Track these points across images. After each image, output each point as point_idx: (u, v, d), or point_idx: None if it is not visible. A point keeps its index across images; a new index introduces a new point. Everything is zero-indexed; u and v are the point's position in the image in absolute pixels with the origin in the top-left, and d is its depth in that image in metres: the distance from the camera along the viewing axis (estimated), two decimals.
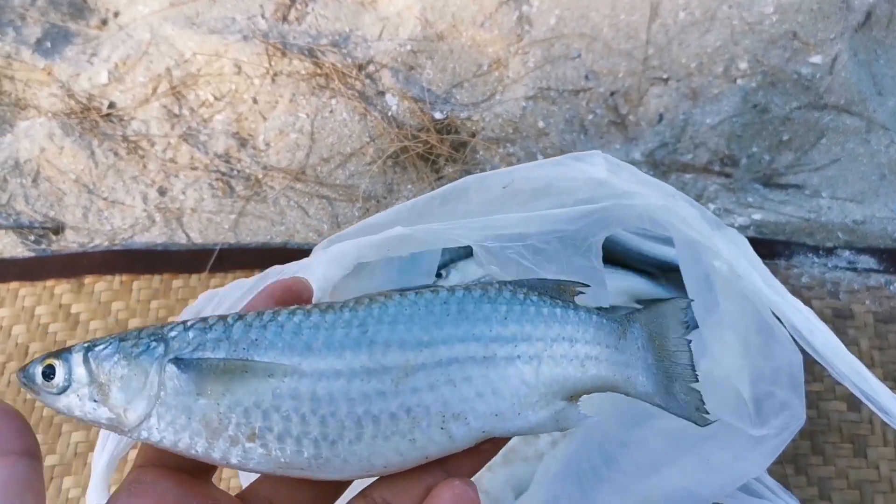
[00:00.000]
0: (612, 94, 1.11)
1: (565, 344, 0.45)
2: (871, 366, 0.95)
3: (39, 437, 0.91)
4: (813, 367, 0.96)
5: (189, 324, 0.39)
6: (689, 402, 0.50)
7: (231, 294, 0.74)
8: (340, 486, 0.42)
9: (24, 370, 0.38)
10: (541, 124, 1.09)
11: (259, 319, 0.39)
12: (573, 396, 0.43)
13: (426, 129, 1.08)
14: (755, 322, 0.72)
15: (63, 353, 0.38)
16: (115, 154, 1.08)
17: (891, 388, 0.92)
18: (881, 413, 0.66)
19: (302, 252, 1.02)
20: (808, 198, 1.07)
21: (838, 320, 0.98)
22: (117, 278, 1.00)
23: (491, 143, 1.08)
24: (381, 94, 1.10)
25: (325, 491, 0.41)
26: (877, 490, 0.91)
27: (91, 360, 0.37)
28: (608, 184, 0.70)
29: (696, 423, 0.50)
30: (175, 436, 0.37)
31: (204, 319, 0.39)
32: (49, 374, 0.38)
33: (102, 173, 1.07)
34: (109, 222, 1.05)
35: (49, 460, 0.93)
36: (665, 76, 1.11)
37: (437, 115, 1.09)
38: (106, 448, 0.63)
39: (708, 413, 0.49)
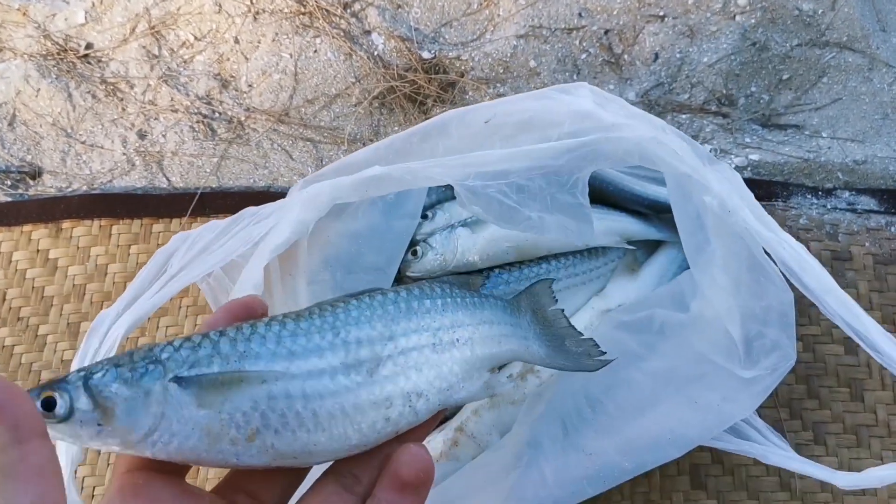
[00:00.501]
0: (607, 32, 1.07)
1: (486, 326, 0.55)
2: (869, 309, 0.93)
3: (19, 385, 0.89)
4: (809, 310, 0.93)
5: (177, 344, 0.42)
6: (581, 352, 0.60)
7: (203, 236, 0.71)
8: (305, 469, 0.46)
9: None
10: (532, 64, 1.05)
11: (241, 333, 0.43)
12: (493, 368, 0.53)
13: (413, 69, 1.04)
14: (746, 260, 0.70)
15: (61, 383, 0.39)
16: (94, 96, 1.05)
17: (889, 331, 0.90)
18: (872, 351, 0.64)
19: (285, 196, 0.99)
20: (807, 138, 1.03)
21: (837, 262, 0.95)
22: (96, 223, 0.97)
23: (480, 83, 1.04)
24: (367, 33, 1.06)
25: (296, 474, 0.45)
26: (873, 434, 0.89)
27: (92, 388, 0.39)
28: (594, 116, 0.67)
29: (588, 370, 0.60)
30: (180, 446, 0.39)
31: (188, 338, 0.42)
32: (50, 405, 0.38)
33: (80, 116, 1.04)
34: (88, 166, 1.02)
35: None
36: (661, 13, 1.07)
37: (425, 55, 1.05)
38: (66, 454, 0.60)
39: (604, 353, 0.59)
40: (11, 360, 0.93)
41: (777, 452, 0.70)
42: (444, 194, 0.90)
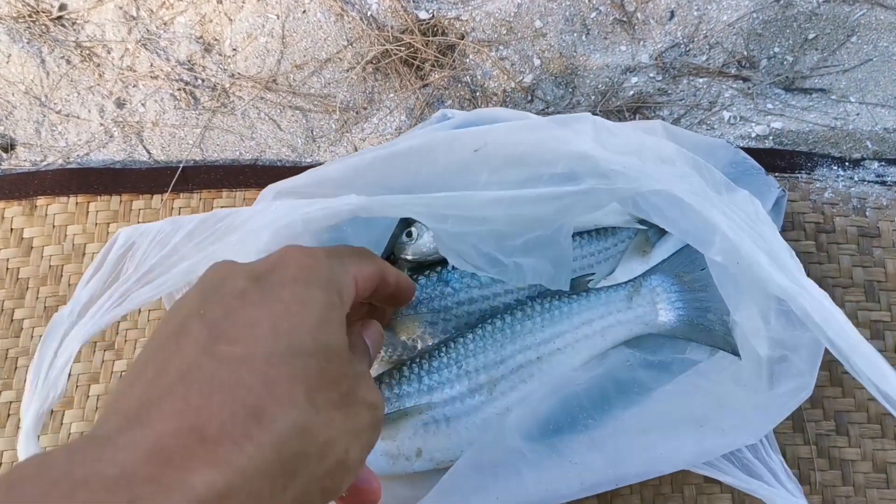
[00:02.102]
0: None
1: (585, 327, 0.72)
2: None
3: None
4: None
5: None
6: (721, 332, 0.71)
7: (165, 232, 0.64)
8: None
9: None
10: (537, 24, 0.98)
11: (394, 380, 0.68)
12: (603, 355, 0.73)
13: (410, 31, 0.97)
14: (776, 304, 0.65)
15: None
16: (68, 62, 0.98)
17: None
18: None
19: (273, 170, 0.93)
20: (834, 103, 0.96)
21: (864, 239, 0.88)
22: (72, 199, 0.91)
23: (482, 46, 0.97)
24: None
25: None
26: None
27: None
28: (592, 158, 0.62)
29: (728, 350, 0.70)
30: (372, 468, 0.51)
31: None
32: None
33: (55, 84, 0.97)
34: (64, 138, 0.96)
35: (5, 396, 0.86)
36: None
37: (422, 15, 0.97)
38: (34, 400, 0.56)
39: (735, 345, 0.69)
40: None
41: (786, 498, 0.65)
42: None
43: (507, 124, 0.68)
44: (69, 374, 0.56)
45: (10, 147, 0.95)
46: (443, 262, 0.78)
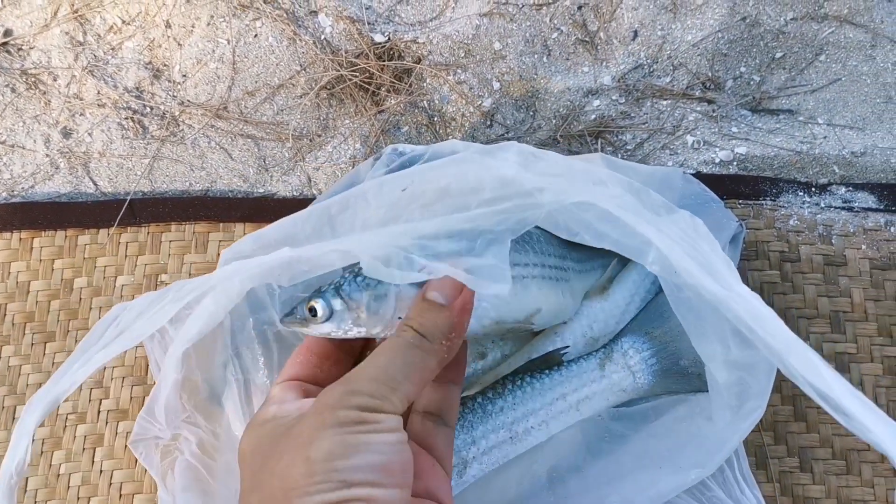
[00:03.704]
0: (580, 7, 0.96)
1: (559, 402, 0.69)
2: (864, 319, 0.85)
3: None
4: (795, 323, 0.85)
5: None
6: (695, 374, 0.69)
7: (141, 303, 0.66)
8: None
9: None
10: (497, 46, 0.95)
11: None
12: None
13: (365, 55, 0.94)
14: (730, 323, 0.62)
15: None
16: (13, 90, 0.95)
17: (884, 345, 0.82)
18: (839, 416, 0.55)
19: (224, 201, 0.90)
20: (801, 125, 0.93)
21: (829, 268, 0.86)
22: (15, 235, 0.89)
23: (439, 70, 0.94)
24: (314, 13, 0.96)
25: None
26: (864, 460, 0.82)
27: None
28: (516, 181, 0.61)
29: (704, 390, 0.66)
30: None
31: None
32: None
33: None
34: (9, 170, 0.93)
35: None
36: None
37: (378, 38, 0.94)
38: (15, 454, 0.56)
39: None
40: None
41: None
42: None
43: (434, 162, 0.68)
44: (31, 440, 0.56)
45: None
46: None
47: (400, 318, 0.52)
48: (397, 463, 0.44)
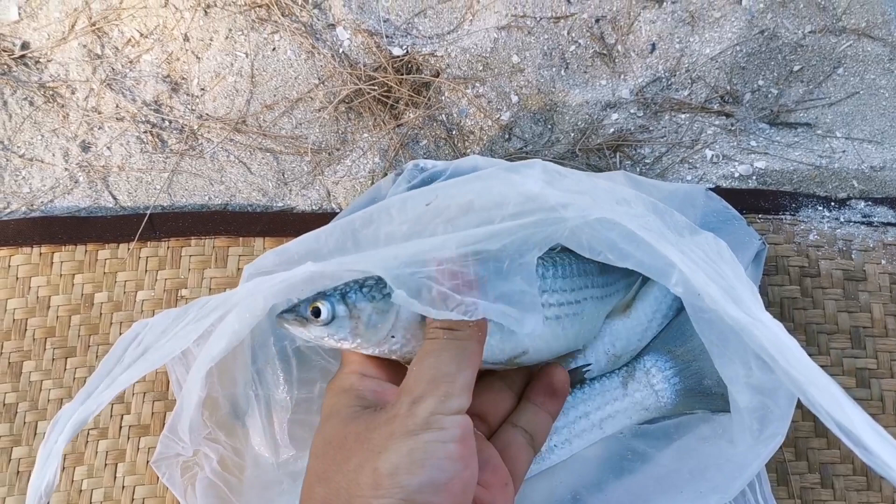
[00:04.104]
0: (598, 20, 0.96)
1: (582, 420, 0.68)
2: (884, 335, 0.85)
3: None
4: (815, 339, 0.85)
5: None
6: (719, 393, 0.67)
7: (160, 323, 0.67)
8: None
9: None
10: (515, 59, 0.95)
11: None
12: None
13: (383, 69, 0.94)
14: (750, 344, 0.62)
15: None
16: (31, 103, 0.95)
17: None
18: (859, 450, 0.54)
19: (244, 216, 0.90)
20: (819, 139, 0.93)
21: (849, 283, 0.86)
22: (36, 250, 0.89)
23: (457, 83, 0.94)
24: (332, 27, 0.96)
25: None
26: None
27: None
28: (540, 197, 0.61)
29: (728, 410, 0.64)
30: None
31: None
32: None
33: (17, 126, 0.94)
34: (28, 183, 0.93)
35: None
36: None
37: (396, 52, 0.94)
38: (44, 474, 0.56)
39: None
40: None
41: None
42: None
43: (458, 178, 0.68)
44: (61, 461, 0.57)
45: None
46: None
47: (393, 336, 0.53)
48: (458, 482, 0.46)
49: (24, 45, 0.96)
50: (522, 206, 0.63)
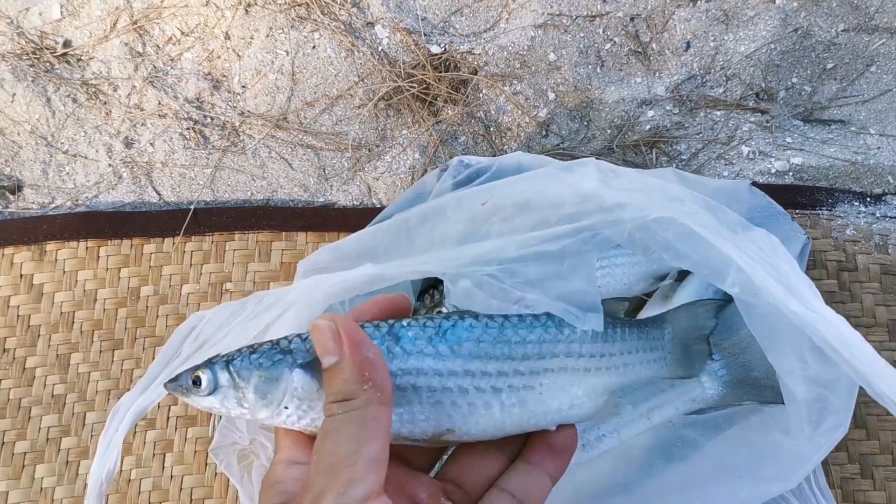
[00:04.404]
0: (633, 18, 0.98)
1: (630, 410, 0.64)
2: None
3: (7, 423, 0.84)
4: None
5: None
6: (768, 386, 0.63)
7: (219, 315, 0.69)
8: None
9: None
10: (552, 57, 0.96)
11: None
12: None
13: (422, 66, 0.95)
14: (809, 340, 0.63)
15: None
16: (74, 100, 0.96)
17: None
18: None
19: (286, 211, 0.91)
20: (853, 135, 0.94)
21: (886, 278, 0.87)
22: (82, 244, 0.90)
23: (495, 81, 0.95)
24: (370, 25, 0.97)
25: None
26: None
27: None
28: (597, 196, 0.62)
29: (779, 402, 0.62)
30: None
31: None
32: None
33: (61, 123, 0.96)
34: (72, 179, 0.94)
35: (20, 447, 0.85)
36: None
37: (434, 49, 0.96)
38: (105, 462, 0.57)
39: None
40: None
41: None
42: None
43: (513, 177, 0.69)
44: (122, 448, 0.58)
45: (16, 189, 0.94)
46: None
47: (286, 407, 0.46)
48: None
49: (67, 44, 0.98)
50: (579, 207, 0.64)
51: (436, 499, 0.46)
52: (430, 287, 0.83)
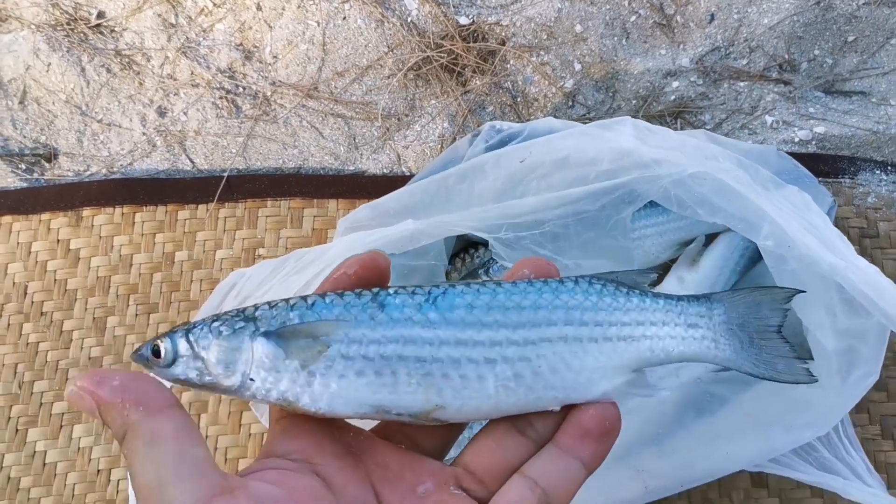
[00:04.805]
0: None
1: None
2: None
3: (45, 384, 0.86)
4: None
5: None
6: (801, 343, 0.55)
7: (259, 273, 0.71)
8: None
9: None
10: (578, 28, 0.98)
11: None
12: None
13: (450, 37, 0.96)
14: (838, 293, 0.65)
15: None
16: (108, 70, 0.98)
17: None
18: None
19: (317, 178, 0.93)
20: (874, 106, 0.96)
21: None
22: (118, 210, 0.92)
23: (523, 51, 0.97)
24: None
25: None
26: None
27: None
28: (634, 153, 0.64)
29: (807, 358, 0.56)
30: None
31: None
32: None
33: (95, 92, 0.97)
34: (106, 147, 0.96)
35: (57, 407, 0.87)
36: None
37: (462, 21, 0.97)
38: None
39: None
40: (37, 357, 0.88)
41: (862, 489, 0.66)
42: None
43: (549, 136, 0.71)
44: None
45: (52, 157, 0.95)
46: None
47: (252, 379, 0.42)
48: None
49: (100, 15, 0.99)
50: (616, 163, 0.66)
51: (444, 488, 0.42)
52: (462, 250, 0.84)
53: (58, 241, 0.91)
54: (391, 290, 0.45)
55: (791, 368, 0.50)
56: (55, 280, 0.90)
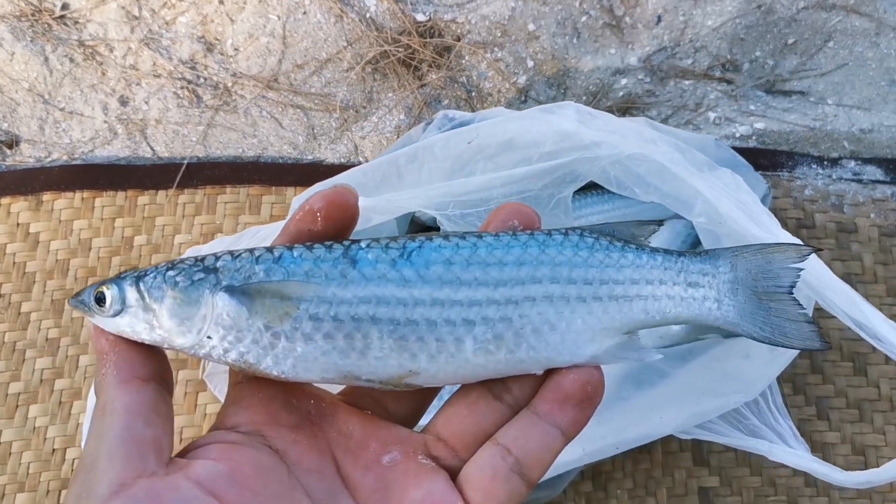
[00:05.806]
0: None
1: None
2: (873, 281, 0.92)
3: (2, 365, 0.86)
4: None
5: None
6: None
7: (214, 249, 0.72)
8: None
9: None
10: (531, 27, 1.01)
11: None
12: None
13: (407, 33, 1.00)
14: None
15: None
16: (71, 60, 0.99)
17: (893, 304, 0.89)
18: (874, 340, 0.62)
19: (276, 167, 0.95)
20: (812, 105, 1.01)
21: (842, 234, 0.93)
22: (78, 195, 0.93)
23: (477, 48, 1.00)
24: None
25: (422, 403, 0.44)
26: (876, 409, 0.88)
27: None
28: (575, 135, 0.67)
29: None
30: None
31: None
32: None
33: (58, 82, 0.99)
34: (68, 135, 0.97)
35: (13, 388, 0.88)
36: None
37: (420, 17, 1.01)
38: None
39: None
40: None
41: (785, 450, 0.69)
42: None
43: (496, 119, 0.74)
44: None
45: (14, 143, 0.97)
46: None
47: (209, 337, 0.39)
48: None
49: (65, 6, 1.01)
50: (558, 145, 0.69)
51: (411, 457, 0.40)
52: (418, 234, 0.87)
53: (17, 224, 0.92)
54: (363, 244, 0.41)
55: (802, 332, 0.46)
56: (14, 263, 0.91)
